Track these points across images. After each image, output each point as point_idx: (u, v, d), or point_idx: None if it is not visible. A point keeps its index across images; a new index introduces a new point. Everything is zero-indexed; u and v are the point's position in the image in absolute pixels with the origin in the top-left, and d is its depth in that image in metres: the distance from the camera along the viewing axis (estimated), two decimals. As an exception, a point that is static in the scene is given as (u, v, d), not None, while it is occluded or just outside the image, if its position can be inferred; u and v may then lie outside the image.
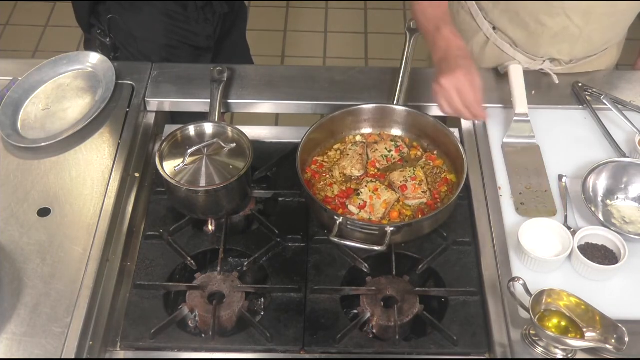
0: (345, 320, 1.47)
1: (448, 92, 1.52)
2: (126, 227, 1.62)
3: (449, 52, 1.55)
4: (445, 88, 1.52)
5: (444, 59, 1.55)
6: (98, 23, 2.10)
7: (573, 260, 1.50)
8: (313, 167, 1.72)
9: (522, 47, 1.88)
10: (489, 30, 1.90)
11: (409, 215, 1.61)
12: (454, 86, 1.51)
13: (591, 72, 1.93)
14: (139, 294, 1.50)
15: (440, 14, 1.64)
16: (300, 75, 1.95)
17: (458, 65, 1.52)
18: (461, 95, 1.52)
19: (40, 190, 1.61)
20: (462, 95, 1.52)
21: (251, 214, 1.68)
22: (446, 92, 1.52)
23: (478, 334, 1.44)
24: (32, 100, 1.83)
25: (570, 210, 1.60)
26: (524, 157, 1.72)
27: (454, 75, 1.51)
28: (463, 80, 1.51)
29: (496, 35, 1.90)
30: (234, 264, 1.61)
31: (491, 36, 1.91)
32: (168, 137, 1.63)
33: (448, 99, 1.53)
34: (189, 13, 2.10)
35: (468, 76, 1.51)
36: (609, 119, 1.80)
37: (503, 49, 1.91)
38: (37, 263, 1.47)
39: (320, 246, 1.59)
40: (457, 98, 1.53)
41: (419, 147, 1.76)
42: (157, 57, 2.07)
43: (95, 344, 1.40)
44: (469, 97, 1.53)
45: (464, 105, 1.53)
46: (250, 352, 1.43)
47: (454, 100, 1.53)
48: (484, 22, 1.91)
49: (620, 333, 1.31)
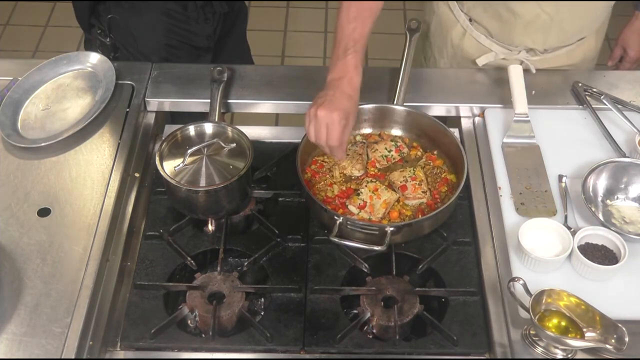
0: (345, 320, 1.47)
1: (319, 125, 1.51)
2: (126, 227, 1.61)
3: (340, 84, 1.53)
4: (319, 120, 1.50)
5: (331, 87, 1.53)
6: (98, 23, 2.10)
7: (573, 260, 1.50)
8: (313, 167, 1.72)
9: (497, 37, 1.90)
10: (466, 21, 1.93)
11: (409, 215, 1.61)
12: (325, 122, 1.50)
13: (591, 72, 1.93)
14: (139, 294, 1.50)
15: (358, 35, 1.57)
16: (300, 75, 1.95)
17: (340, 105, 1.50)
18: (329, 134, 1.51)
19: (40, 190, 1.61)
20: (329, 133, 1.51)
21: (251, 214, 1.68)
22: (318, 124, 1.51)
23: (478, 334, 1.44)
24: (32, 100, 1.83)
25: (570, 210, 1.60)
26: (524, 157, 1.72)
27: (331, 113, 1.49)
28: (336, 121, 1.49)
29: (472, 26, 1.93)
30: (234, 264, 1.61)
31: (468, 28, 1.94)
32: (168, 137, 1.63)
33: (317, 131, 1.52)
34: (189, 13, 2.10)
35: (342, 120, 1.50)
36: (609, 119, 1.80)
37: (479, 40, 1.93)
38: (37, 263, 1.47)
39: (320, 246, 1.59)
40: (324, 134, 1.52)
41: (419, 147, 1.76)
42: (157, 57, 2.07)
43: (95, 344, 1.40)
44: (334, 139, 1.52)
45: (326, 144, 1.53)
46: (250, 352, 1.43)
47: (322, 135, 1.52)
48: (461, 14, 1.94)
49: (620, 333, 1.31)
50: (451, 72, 1.97)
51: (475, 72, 1.94)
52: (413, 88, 1.83)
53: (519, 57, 1.92)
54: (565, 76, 1.92)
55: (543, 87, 1.89)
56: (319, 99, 1.53)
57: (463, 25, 1.95)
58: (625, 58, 2.14)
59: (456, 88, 1.90)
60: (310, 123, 1.53)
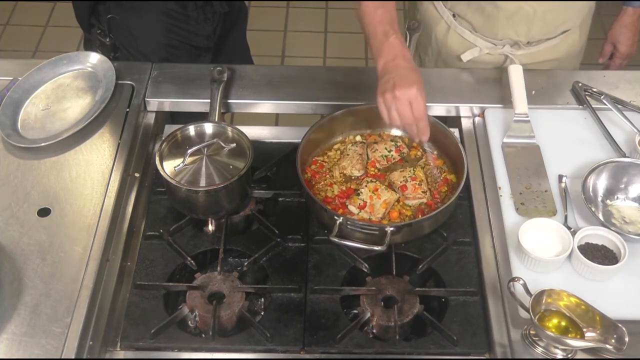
0: (345, 320, 1.47)
1: (402, 105, 1.47)
2: (126, 227, 1.61)
3: (397, 62, 1.51)
4: (400, 100, 1.47)
5: (393, 69, 1.50)
6: (98, 23, 2.10)
7: (573, 260, 1.50)
8: (313, 167, 1.72)
9: (481, 31, 1.90)
10: (449, 17, 1.93)
11: (409, 215, 1.61)
12: (408, 99, 1.47)
13: (591, 72, 1.93)
14: (139, 294, 1.50)
15: (389, 18, 1.58)
16: (300, 75, 1.95)
17: (413, 79, 1.48)
18: (415, 109, 1.48)
19: (40, 190, 1.61)
20: (416, 108, 1.48)
21: (251, 214, 1.68)
22: (400, 104, 1.48)
23: (478, 334, 1.44)
24: (32, 100, 1.83)
25: (570, 210, 1.60)
26: (524, 157, 1.72)
27: (410, 88, 1.47)
28: (417, 95, 1.47)
29: (456, 22, 1.93)
30: (234, 264, 1.61)
31: (451, 23, 1.94)
32: (168, 137, 1.63)
33: (401, 111, 1.48)
34: (188, 12, 2.10)
35: (421, 93, 1.48)
36: (609, 119, 1.80)
37: (464, 36, 1.94)
38: (37, 263, 1.47)
39: (320, 246, 1.59)
40: (409, 112, 1.48)
41: (419, 147, 1.76)
42: (157, 57, 2.07)
43: (95, 344, 1.40)
44: (422, 112, 1.49)
45: (414, 120, 1.49)
46: (250, 352, 1.43)
47: (406, 114, 1.48)
48: (444, 10, 1.94)
49: (620, 333, 1.31)
50: (451, 72, 1.97)
51: (475, 72, 1.94)
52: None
53: (503, 51, 1.92)
54: (565, 76, 1.92)
55: (543, 87, 1.89)
56: (385, 85, 1.49)
57: (447, 21, 1.95)
58: (616, 54, 2.15)
59: (456, 88, 1.90)
60: (391, 108, 1.48)
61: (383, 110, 1.51)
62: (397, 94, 1.47)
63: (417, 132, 1.53)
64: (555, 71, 1.96)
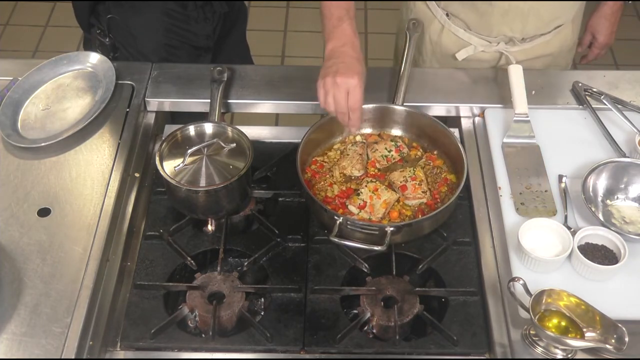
0: (345, 320, 1.47)
1: (339, 92, 1.49)
2: (126, 227, 1.61)
3: (345, 50, 1.53)
4: (339, 87, 1.48)
5: (340, 55, 1.52)
6: (98, 23, 2.10)
7: (573, 260, 1.50)
8: (313, 167, 1.72)
9: (476, 29, 1.90)
10: (443, 16, 1.93)
11: (409, 215, 1.61)
12: (346, 88, 1.49)
13: (591, 72, 1.93)
14: (139, 294, 1.50)
15: (346, 4, 1.61)
16: (300, 75, 1.95)
17: (356, 69, 1.50)
18: (351, 98, 1.50)
19: (40, 190, 1.61)
20: (352, 97, 1.50)
21: (251, 214, 1.68)
22: (338, 91, 1.49)
23: (478, 334, 1.44)
24: (32, 100, 1.83)
25: (570, 210, 1.60)
26: (524, 157, 1.72)
27: (352, 77, 1.48)
28: (357, 84, 1.48)
29: (450, 21, 1.93)
30: (234, 264, 1.61)
31: (445, 22, 1.93)
32: (168, 137, 1.63)
33: (338, 99, 1.50)
34: (188, 12, 2.10)
35: (361, 84, 1.49)
36: (609, 119, 1.80)
37: (458, 34, 1.93)
38: (37, 263, 1.47)
39: (320, 246, 1.59)
40: (344, 100, 1.50)
41: (419, 147, 1.76)
42: (157, 57, 2.07)
43: (95, 344, 1.40)
44: (357, 102, 1.50)
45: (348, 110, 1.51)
46: (250, 352, 1.43)
47: (342, 101, 1.50)
48: (437, 10, 1.93)
49: (620, 333, 1.31)
50: (451, 72, 1.96)
51: (475, 72, 1.94)
52: (413, 88, 1.83)
53: (498, 48, 1.92)
54: (565, 76, 1.92)
55: (543, 87, 1.89)
56: (329, 69, 1.51)
57: (440, 20, 1.94)
58: (595, 44, 2.15)
59: (456, 88, 1.90)
60: (328, 93, 1.50)
61: (321, 94, 1.53)
62: (338, 80, 1.49)
63: (349, 122, 1.55)
64: (556, 71, 1.96)
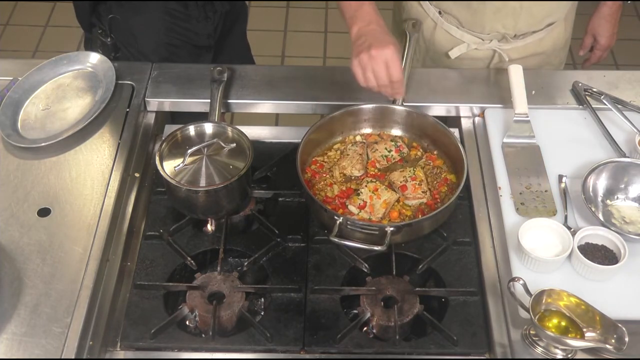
0: (345, 320, 1.47)
1: (377, 65, 1.46)
2: (126, 227, 1.61)
3: (371, 28, 1.51)
4: (376, 60, 1.46)
5: (369, 32, 1.50)
6: (99, 23, 2.10)
7: (573, 260, 1.50)
8: (313, 167, 1.72)
9: (468, 26, 1.90)
10: (435, 14, 1.93)
11: (409, 215, 1.61)
12: (384, 59, 1.47)
13: (591, 72, 1.93)
14: (139, 294, 1.50)
15: None
16: (300, 75, 1.95)
17: (389, 40, 1.47)
18: (390, 68, 1.47)
19: (40, 190, 1.61)
20: (391, 67, 1.47)
21: (251, 214, 1.68)
22: (375, 64, 1.46)
23: (478, 334, 1.44)
24: (32, 100, 1.83)
25: (570, 210, 1.60)
26: (524, 157, 1.72)
27: (385, 48, 1.46)
28: (392, 55, 1.46)
29: (442, 18, 1.92)
30: (234, 264, 1.61)
31: (438, 20, 1.93)
32: (168, 137, 1.63)
33: (377, 72, 1.48)
34: (189, 11, 2.10)
35: (397, 53, 1.46)
36: (609, 119, 1.80)
37: (451, 32, 1.93)
38: (37, 263, 1.47)
39: (320, 246, 1.59)
40: (384, 72, 1.48)
41: (419, 147, 1.76)
42: (158, 56, 2.07)
43: (95, 344, 1.40)
44: (398, 72, 1.48)
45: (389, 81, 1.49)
46: (250, 352, 1.43)
47: (382, 74, 1.48)
48: (430, 7, 1.93)
49: (620, 333, 1.31)
50: (451, 72, 1.96)
51: (475, 72, 1.95)
52: (413, 88, 1.83)
53: (491, 46, 1.92)
54: (565, 76, 1.92)
55: (543, 87, 1.89)
56: (361, 46, 1.49)
57: (433, 18, 1.94)
58: (596, 46, 2.15)
59: (456, 88, 1.90)
60: (366, 68, 1.48)
61: (358, 72, 1.51)
62: (373, 53, 1.47)
63: (394, 92, 1.54)
64: (555, 71, 1.96)
